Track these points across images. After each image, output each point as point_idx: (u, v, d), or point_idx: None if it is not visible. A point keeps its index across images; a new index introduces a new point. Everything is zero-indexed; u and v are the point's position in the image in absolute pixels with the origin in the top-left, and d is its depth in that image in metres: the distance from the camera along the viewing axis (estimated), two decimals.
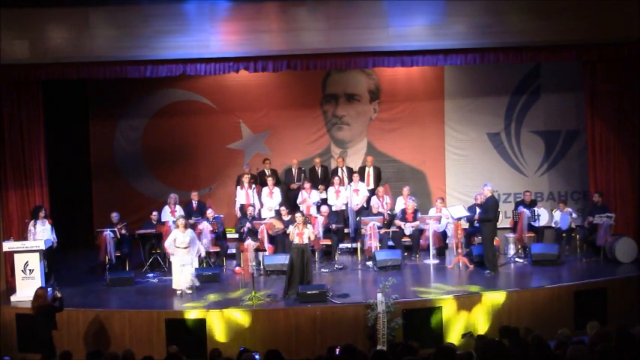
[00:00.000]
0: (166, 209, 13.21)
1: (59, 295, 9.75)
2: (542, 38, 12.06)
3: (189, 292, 11.12)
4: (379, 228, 12.82)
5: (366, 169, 14.20)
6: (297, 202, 13.58)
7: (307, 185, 13.60)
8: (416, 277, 11.92)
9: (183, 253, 11.19)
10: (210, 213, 12.85)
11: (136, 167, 15.04)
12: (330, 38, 12.04)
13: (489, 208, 11.85)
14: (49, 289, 10.54)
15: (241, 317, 10.17)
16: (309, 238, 10.98)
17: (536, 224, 13.02)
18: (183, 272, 11.12)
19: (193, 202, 13.53)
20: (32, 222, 11.83)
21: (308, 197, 13.53)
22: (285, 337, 10.05)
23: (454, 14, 12.05)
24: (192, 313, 10.31)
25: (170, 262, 11.73)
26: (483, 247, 11.97)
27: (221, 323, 10.14)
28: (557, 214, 13.05)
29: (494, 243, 12.09)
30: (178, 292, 11.11)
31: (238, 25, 12.10)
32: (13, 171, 12.26)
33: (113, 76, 12.29)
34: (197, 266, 12.46)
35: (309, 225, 11.21)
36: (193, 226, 12.93)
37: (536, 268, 12.03)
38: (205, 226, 12.63)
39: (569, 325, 9.84)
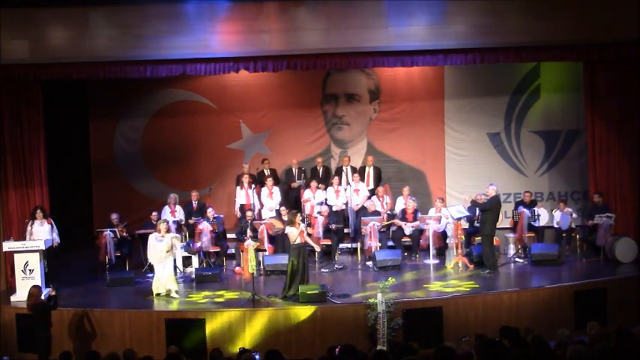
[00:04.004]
0: (166, 209, 13.20)
1: (54, 293, 9.78)
2: (542, 38, 12.05)
3: (177, 296, 10.97)
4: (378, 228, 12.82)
5: (367, 168, 14.20)
6: (302, 200, 13.57)
7: (313, 184, 13.60)
8: (416, 277, 11.91)
9: (163, 257, 11.05)
10: (210, 213, 12.85)
11: (136, 167, 15.03)
12: (330, 38, 12.04)
13: (490, 204, 11.81)
14: (46, 288, 10.58)
15: (241, 317, 10.17)
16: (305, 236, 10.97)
17: (536, 224, 13.02)
18: (162, 275, 10.97)
19: (193, 202, 13.53)
20: (30, 222, 11.82)
21: (312, 197, 13.53)
22: (285, 337, 10.05)
23: (454, 14, 12.05)
24: (192, 313, 10.31)
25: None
26: (482, 246, 11.97)
27: (221, 323, 10.13)
28: (557, 214, 13.05)
29: (495, 243, 12.09)
30: (156, 293, 10.93)
31: (238, 25, 12.10)
32: (13, 171, 12.26)
33: (113, 76, 12.29)
34: (197, 266, 12.50)
35: (306, 223, 11.19)
36: (193, 226, 12.97)
37: (536, 268, 12.03)
38: (205, 226, 12.64)
39: (569, 325, 9.85)
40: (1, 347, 10.36)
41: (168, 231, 11.27)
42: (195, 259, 12.60)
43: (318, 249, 12.15)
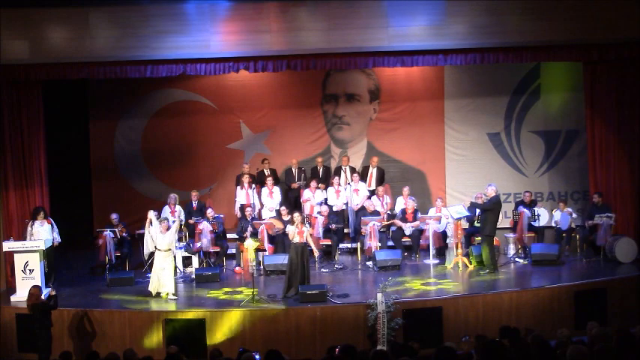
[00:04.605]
0: (166, 209, 13.20)
1: (53, 293, 9.78)
2: (542, 38, 12.05)
3: (174, 298, 10.94)
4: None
5: (370, 169, 14.18)
6: (301, 200, 13.58)
7: (313, 184, 13.61)
8: (416, 277, 11.90)
9: (164, 255, 11.03)
10: (210, 213, 12.85)
11: (136, 167, 15.04)
12: (330, 38, 12.04)
13: (490, 204, 11.82)
14: (47, 287, 10.59)
15: (241, 317, 10.17)
16: (305, 237, 10.99)
17: (536, 224, 13.02)
18: (162, 275, 10.95)
19: (193, 202, 13.53)
20: (30, 223, 11.82)
21: (312, 197, 13.54)
22: (285, 337, 10.05)
23: (454, 14, 12.04)
24: (192, 313, 10.31)
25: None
26: (482, 246, 11.97)
27: (221, 323, 10.14)
28: (557, 214, 13.05)
29: (495, 243, 12.10)
30: (155, 293, 10.95)
31: (238, 25, 12.10)
32: (13, 171, 12.25)
33: (113, 76, 12.29)
34: (197, 266, 12.50)
35: (307, 224, 11.22)
36: (193, 226, 12.96)
37: (536, 268, 12.03)
38: (205, 226, 12.64)
39: (569, 325, 9.85)
40: (1, 347, 10.36)
41: (167, 229, 11.24)
42: (195, 259, 12.60)
43: (317, 253, 12.05)
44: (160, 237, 11.10)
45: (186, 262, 12.65)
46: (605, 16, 11.94)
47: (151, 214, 11.35)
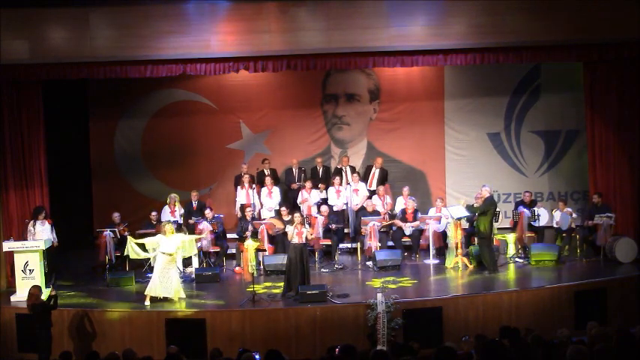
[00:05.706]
0: (166, 209, 13.21)
1: (53, 292, 9.79)
2: (542, 38, 12.05)
3: (173, 297, 10.79)
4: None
5: (373, 169, 14.17)
6: (298, 201, 13.59)
7: (308, 185, 13.62)
8: (416, 277, 11.91)
9: (168, 260, 10.80)
10: (209, 213, 12.85)
11: (136, 167, 15.04)
12: (330, 38, 12.04)
13: (485, 206, 11.83)
14: (47, 287, 10.58)
15: (241, 317, 10.17)
16: (306, 237, 10.99)
17: (536, 224, 13.02)
18: (164, 280, 10.67)
19: (193, 202, 13.53)
20: (32, 222, 11.84)
21: (309, 197, 13.54)
22: (285, 337, 10.06)
23: (454, 14, 12.05)
24: (192, 313, 10.31)
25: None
26: (479, 247, 11.97)
27: (221, 323, 10.13)
28: (557, 214, 13.05)
29: (494, 243, 12.09)
30: (154, 298, 10.64)
31: (238, 25, 12.10)
32: (13, 171, 12.26)
33: (113, 76, 12.29)
34: (197, 266, 12.50)
35: (307, 225, 11.23)
36: (193, 226, 12.96)
37: (536, 268, 12.04)
38: (205, 226, 12.64)
39: (569, 325, 9.84)
40: (1, 347, 10.36)
41: (173, 232, 11.07)
42: (195, 259, 12.59)
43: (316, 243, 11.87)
44: (165, 240, 10.88)
45: (186, 262, 12.64)
46: (605, 16, 11.93)
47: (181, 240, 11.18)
